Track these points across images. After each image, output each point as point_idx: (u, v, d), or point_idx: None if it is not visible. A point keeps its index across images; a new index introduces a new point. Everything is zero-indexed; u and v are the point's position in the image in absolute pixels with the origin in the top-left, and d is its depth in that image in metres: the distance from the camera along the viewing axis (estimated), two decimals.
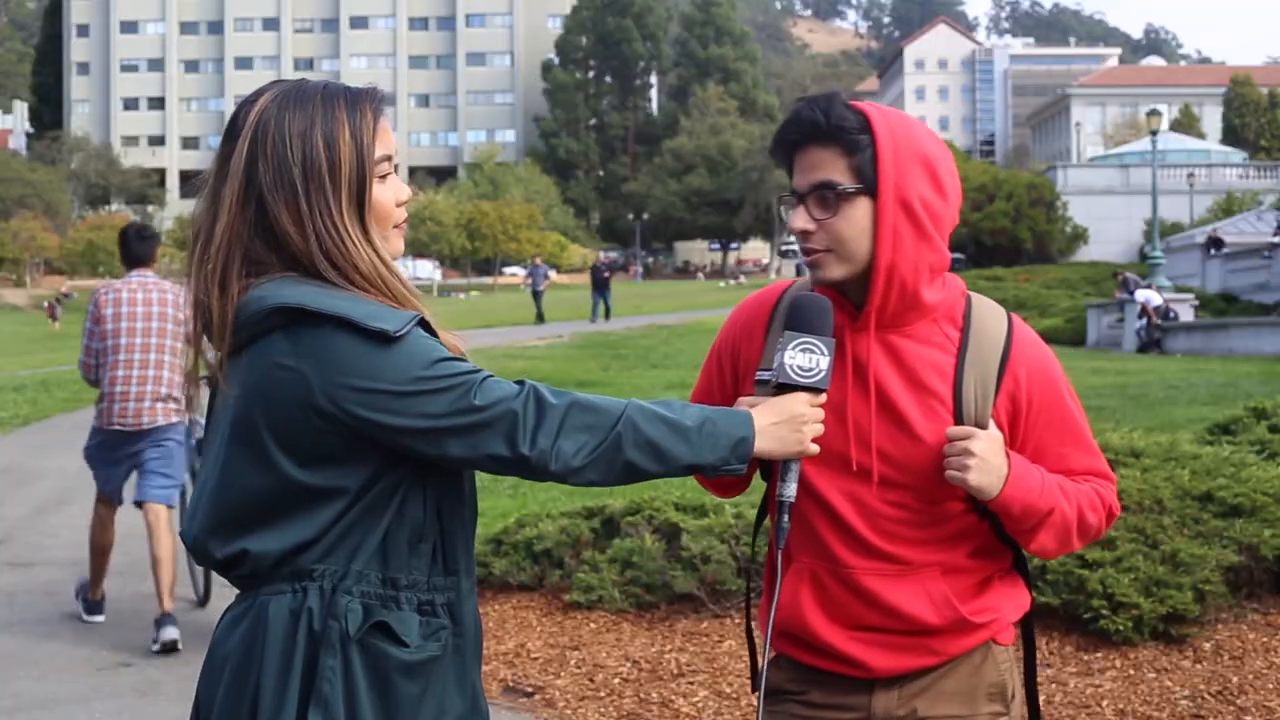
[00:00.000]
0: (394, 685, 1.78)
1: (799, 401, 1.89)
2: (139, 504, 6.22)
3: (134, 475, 6.37)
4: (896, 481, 1.99)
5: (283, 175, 1.80)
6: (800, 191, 1.97)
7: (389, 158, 1.88)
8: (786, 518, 1.95)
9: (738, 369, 2.12)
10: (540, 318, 34.50)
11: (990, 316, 2.05)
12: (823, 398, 1.92)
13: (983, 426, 1.98)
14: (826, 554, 2.03)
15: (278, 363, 1.75)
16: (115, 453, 6.29)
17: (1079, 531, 2.04)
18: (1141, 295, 25.57)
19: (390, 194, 1.88)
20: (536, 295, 35.47)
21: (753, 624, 2.29)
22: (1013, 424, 2.02)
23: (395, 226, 1.91)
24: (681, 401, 1.87)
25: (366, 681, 1.76)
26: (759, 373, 2.01)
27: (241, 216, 1.82)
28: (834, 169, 1.94)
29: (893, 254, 1.94)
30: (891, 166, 1.94)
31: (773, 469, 2.04)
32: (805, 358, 1.91)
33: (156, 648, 5.76)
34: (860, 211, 1.94)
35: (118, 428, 6.17)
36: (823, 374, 1.90)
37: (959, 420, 1.98)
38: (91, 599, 6.42)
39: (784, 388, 1.91)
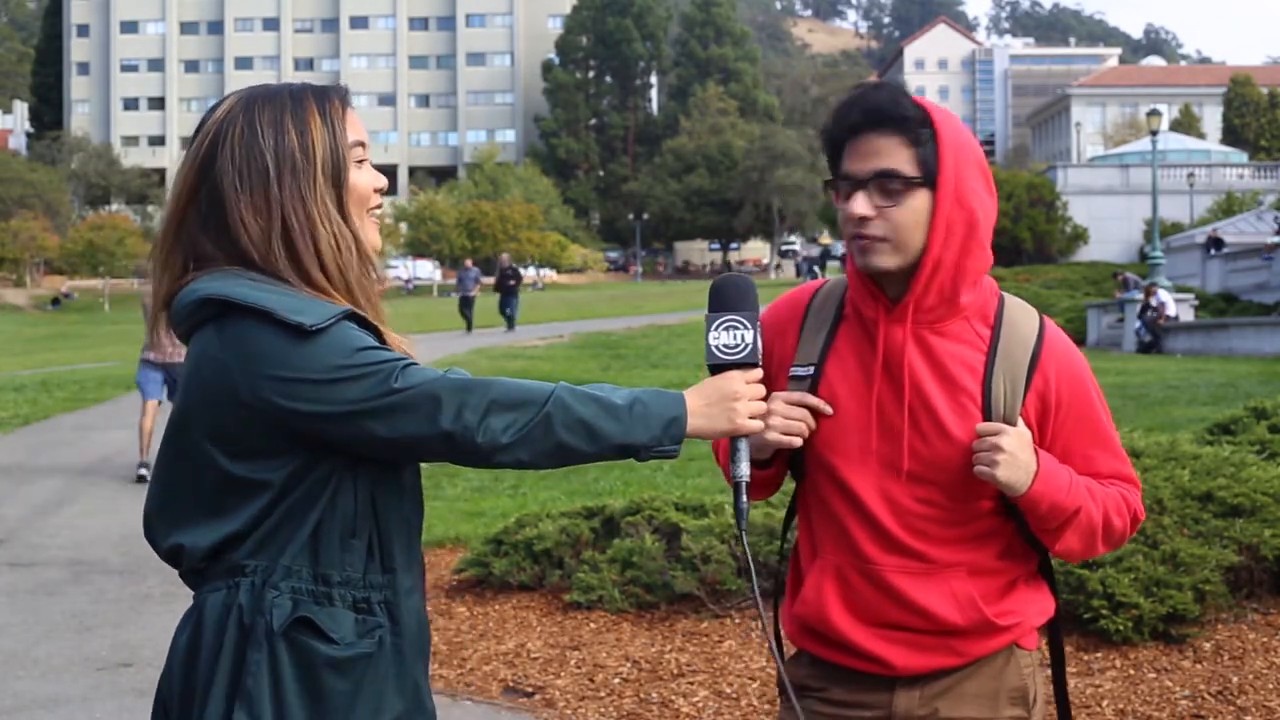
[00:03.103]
0: (323, 682, 1.77)
1: (731, 380, 1.89)
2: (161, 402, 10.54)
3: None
4: (926, 478, 1.99)
5: (251, 164, 1.82)
6: (860, 177, 1.96)
7: (362, 144, 1.91)
8: (744, 498, 1.94)
9: (770, 368, 2.10)
10: (469, 326, 29.83)
11: (1022, 316, 2.06)
12: (757, 373, 1.92)
13: (1011, 424, 1.98)
14: (854, 550, 2.03)
15: (207, 354, 1.78)
16: (151, 373, 10.60)
17: (1104, 534, 2.04)
18: (1163, 297, 25.50)
19: (367, 179, 1.91)
20: (467, 302, 30.42)
21: (777, 622, 2.27)
22: (1041, 424, 2.02)
23: (369, 211, 1.93)
24: (613, 385, 1.87)
25: (294, 677, 1.75)
26: (793, 368, 2.05)
27: (189, 209, 1.86)
28: (897, 158, 1.95)
29: (943, 250, 1.96)
30: (953, 162, 1.96)
31: (803, 467, 2.06)
32: (729, 335, 1.92)
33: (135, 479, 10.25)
34: (920, 203, 1.96)
35: (152, 359, 10.51)
36: (749, 348, 1.91)
37: (988, 418, 1.98)
38: (142, 461, 10.49)
39: (716, 369, 1.92)
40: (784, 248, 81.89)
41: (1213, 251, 35.06)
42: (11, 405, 16.28)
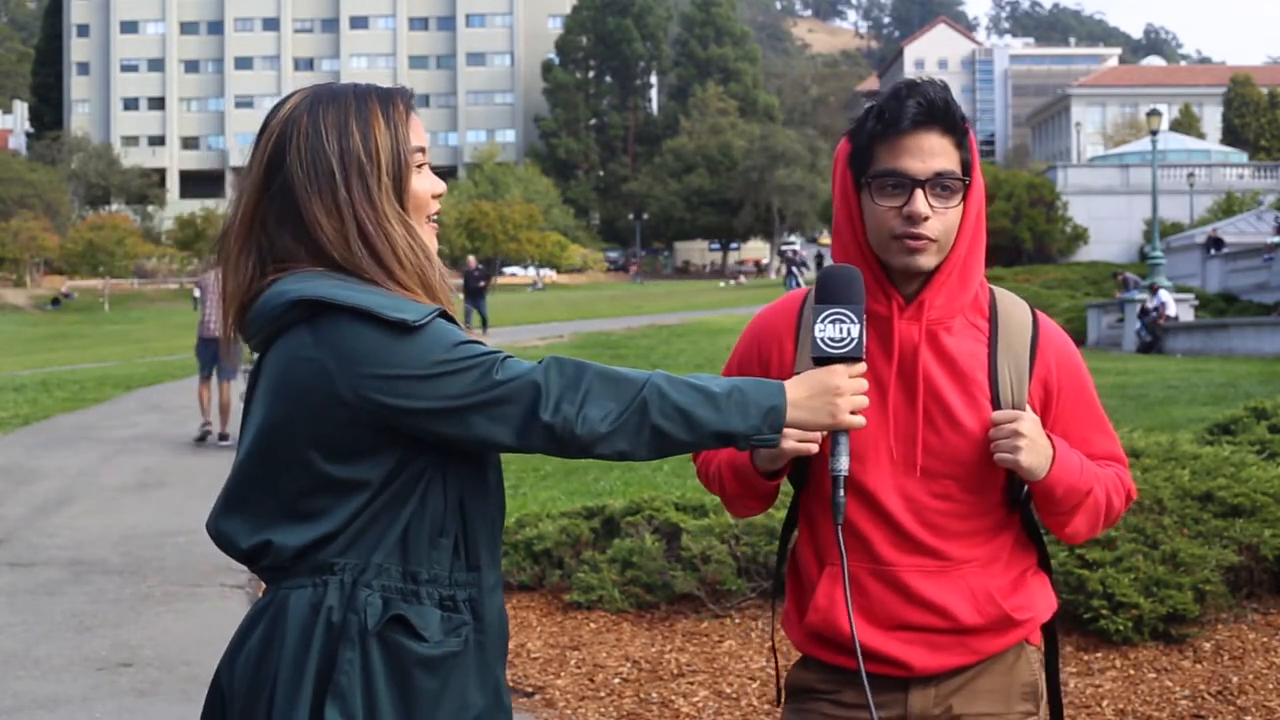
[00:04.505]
0: (413, 680, 1.77)
1: (835, 374, 1.87)
2: (206, 381, 12.43)
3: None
4: (941, 472, 2.01)
5: (317, 166, 1.82)
6: (919, 177, 1.95)
7: (423, 149, 1.92)
8: (842, 492, 1.91)
9: (769, 377, 2.06)
10: None
11: (1014, 307, 2.10)
12: (861, 367, 1.89)
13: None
14: (869, 553, 2.03)
15: (301, 355, 1.77)
16: (205, 349, 12.15)
17: (1106, 514, 2.07)
18: (1164, 297, 25.52)
19: (426, 184, 1.92)
20: None
21: (778, 629, 2.26)
22: (1044, 409, 2.05)
23: (428, 219, 1.94)
24: (711, 375, 1.85)
25: (385, 675, 1.76)
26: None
27: (258, 210, 1.85)
28: (951, 160, 1.97)
29: (967, 252, 2.00)
30: (977, 167, 2.00)
31: (807, 474, 2.06)
32: (835, 328, 1.89)
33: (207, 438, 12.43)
34: (961, 205, 1.99)
35: (206, 336, 12.02)
36: (854, 342, 1.88)
37: (998, 407, 2.00)
38: (205, 422, 12.51)
39: (819, 361, 1.89)
40: (783, 247, 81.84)
41: (1213, 251, 35.06)
42: (11, 405, 16.28)
